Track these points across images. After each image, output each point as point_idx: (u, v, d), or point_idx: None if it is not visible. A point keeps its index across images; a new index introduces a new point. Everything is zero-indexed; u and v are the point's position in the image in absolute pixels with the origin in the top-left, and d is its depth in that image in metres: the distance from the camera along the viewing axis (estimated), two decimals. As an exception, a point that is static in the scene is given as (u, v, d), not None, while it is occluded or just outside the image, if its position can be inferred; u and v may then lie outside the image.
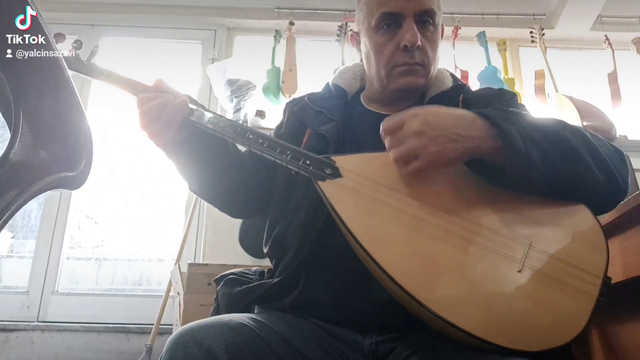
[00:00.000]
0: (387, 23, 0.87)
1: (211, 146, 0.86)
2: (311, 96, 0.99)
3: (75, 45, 0.87)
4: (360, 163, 0.75)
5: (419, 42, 0.85)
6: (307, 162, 0.76)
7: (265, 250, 0.90)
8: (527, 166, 0.66)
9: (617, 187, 0.72)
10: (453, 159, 0.67)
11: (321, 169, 0.75)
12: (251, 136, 0.80)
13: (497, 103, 0.89)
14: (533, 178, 0.67)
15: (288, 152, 0.77)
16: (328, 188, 0.74)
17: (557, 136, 0.69)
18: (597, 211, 0.70)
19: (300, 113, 0.95)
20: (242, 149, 0.86)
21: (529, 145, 0.66)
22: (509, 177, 0.68)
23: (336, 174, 0.75)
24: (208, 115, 0.83)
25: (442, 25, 0.94)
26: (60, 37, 0.82)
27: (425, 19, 0.87)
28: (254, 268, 0.94)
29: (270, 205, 0.91)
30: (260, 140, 0.79)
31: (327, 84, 1.01)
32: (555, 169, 0.67)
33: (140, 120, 0.81)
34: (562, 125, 0.73)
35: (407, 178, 0.71)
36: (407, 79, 0.88)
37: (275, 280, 0.80)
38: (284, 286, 0.79)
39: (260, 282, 0.84)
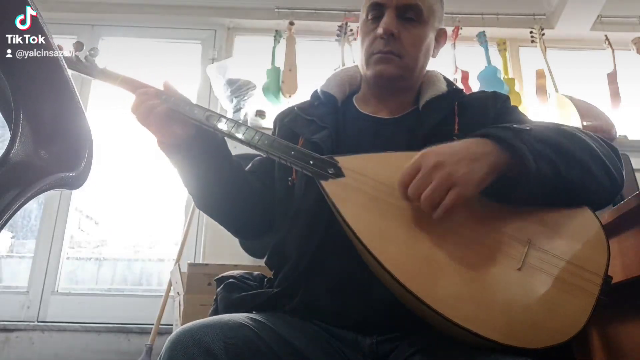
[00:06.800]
0: (374, 14, 0.91)
1: (210, 153, 0.86)
2: (300, 106, 1.00)
3: (91, 52, 0.89)
4: (363, 163, 0.76)
5: (394, 31, 0.87)
6: (311, 162, 0.77)
7: (264, 261, 0.90)
8: (540, 181, 0.66)
9: (615, 184, 0.74)
10: (483, 177, 0.66)
11: (324, 168, 0.76)
12: (257, 137, 0.80)
13: (492, 106, 0.89)
14: (546, 191, 0.68)
15: (292, 151, 0.78)
16: (331, 187, 0.74)
17: (561, 146, 0.70)
18: (597, 208, 0.71)
19: (292, 123, 0.95)
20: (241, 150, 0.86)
21: (540, 162, 0.66)
22: (522, 192, 0.68)
23: (339, 173, 0.75)
24: (218, 118, 0.83)
25: (440, 28, 0.95)
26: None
27: (408, 13, 0.88)
28: (255, 273, 0.93)
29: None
30: (267, 141, 0.80)
31: (316, 91, 1.01)
32: (566, 180, 0.68)
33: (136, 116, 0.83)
34: (560, 131, 0.74)
35: (453, 214, 0.66)
36: (380, 67, 0.90)
37: (275, 290, 0.81)
38: (283, 296, 0.80)
39: (259, 291, 0.84)
